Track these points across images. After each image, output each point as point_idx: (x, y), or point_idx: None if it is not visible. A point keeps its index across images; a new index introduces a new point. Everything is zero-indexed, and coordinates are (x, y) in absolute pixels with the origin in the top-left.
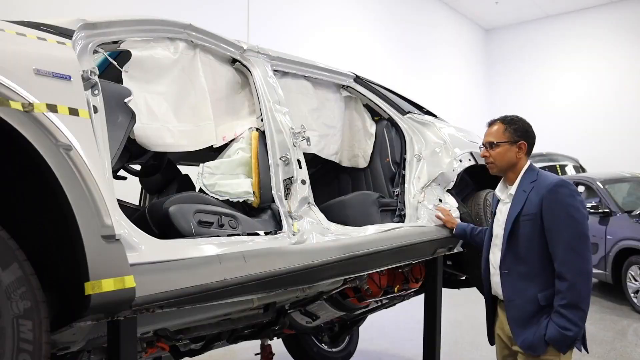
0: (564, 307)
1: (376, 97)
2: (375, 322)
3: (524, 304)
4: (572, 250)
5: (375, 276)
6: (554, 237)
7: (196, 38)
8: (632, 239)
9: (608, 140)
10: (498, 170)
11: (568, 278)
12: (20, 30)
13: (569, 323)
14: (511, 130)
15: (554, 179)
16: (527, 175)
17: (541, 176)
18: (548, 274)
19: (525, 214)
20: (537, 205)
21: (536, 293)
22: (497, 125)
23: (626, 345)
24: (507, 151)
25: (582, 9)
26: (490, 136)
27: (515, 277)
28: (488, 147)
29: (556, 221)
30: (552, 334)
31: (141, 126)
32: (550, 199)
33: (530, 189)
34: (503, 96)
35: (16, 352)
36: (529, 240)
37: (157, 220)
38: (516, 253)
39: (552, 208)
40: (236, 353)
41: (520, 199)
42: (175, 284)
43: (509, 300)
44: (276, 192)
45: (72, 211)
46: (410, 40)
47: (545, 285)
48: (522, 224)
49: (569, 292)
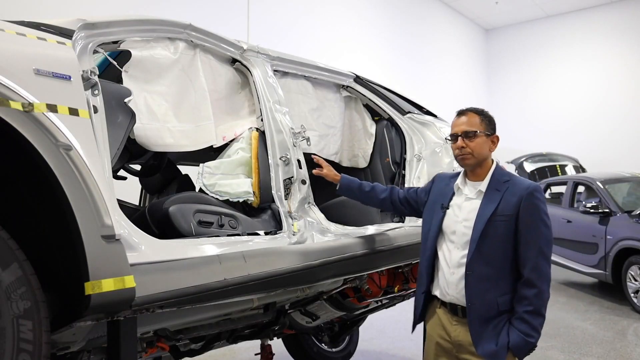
0: (529, 313)
1: (376, 97)
2: (375, 322)
3: (483, 308)
4: (543, 255)
5: (375, 276)
6: (528, 241)
7: (196, 38)
8: (632, 239)
9: (608, 140)
10: (475, 162)
11: (538, 285)
12: (20, 30)
13: (532, 330)
14: (487, 122)
15: (531, 182)
16: (497, 173)
17: (514, 177)
18: (510, 278)
19: (501, 214)
20: (514, 206)
21: (496, 297)
22: (471, 115)
23: (626, 345)
24: (484, 143)
25: (582, 9)
26: (467, 125)
27: (477, 278)
28: (464, 137)
29: (533, 225)
30: (516, 342)
31: (141, 126)
32: (530, 202)
33: (505, 189)
34: (503, 96)
35: (16, 352)
36: (499, 242)
37: (157, 220)
38: (485, 254)
39: (531, 212)
40: (236, 353)
41: (493, 198)
42: (175, 284)
43: (470, 303)
44: (276, 192)
45: (72, 211)
46: (410, 40)
47: (505, 289)
48: (496, 224)
49: (535, 299)
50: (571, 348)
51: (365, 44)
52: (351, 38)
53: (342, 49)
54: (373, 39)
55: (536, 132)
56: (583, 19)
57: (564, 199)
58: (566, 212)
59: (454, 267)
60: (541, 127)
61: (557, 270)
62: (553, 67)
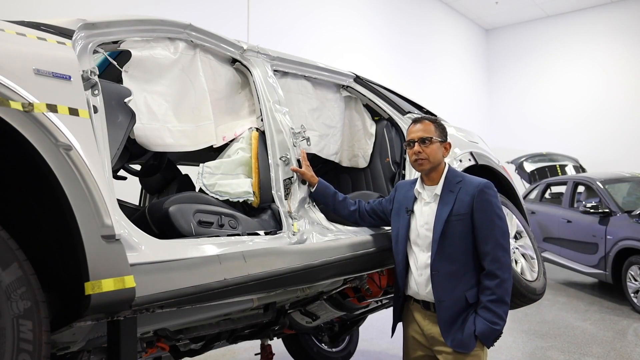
0: (493, 302)
1: (376, 97)
2: (375, 322)
3: (453, 304)
4: (501, 247)
5: (375, 276)
6: (485, 235)
7: (196, 38)
8: (632, 239)
9: (608, 140)
10: (430, 167)
11: (499, 275)
12: (20, 30)
13: (497, 317)
14: (440, 130)
15: (482, 180)
16: (450, 175)
17: (466, 177)
18: (474, 272)
19: (456, 213)
20: (468, 204)
21: (464, 292)
22: (425, 123)
23: (626, 345)
24: (438, 149)
25: (582, 9)
26: (423, 132)
27: (444, 276)
28: (421, 143)
29: (487, 220)
30: (482, 329)
31: (141, 126)
32: (482, 198)
33: (458, 190)
34: (503, 96)
35: (16, 352)
36: (459, 239)
37: (157, 220)
38: (447, 253)
39: (484, 207)
40: (236, 353)
41: (448, 199)
42: (175, 284)
43: (439, 301)
44: (276, 192)
45: (72, 211)
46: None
47: (471, 283)
48: (453, 223)
49: (498, 288)
50: (571, 348)
51: (365, 44)
52: (351, 38)
53: (342, 49)
54: (373, 39)
55: (536, 132)
56: (583, 19)
57: (564, 199)
58: (566, 212)
59: (421, 268)
60: (541, 127)
61: (557, 270)
62: (553, 67)
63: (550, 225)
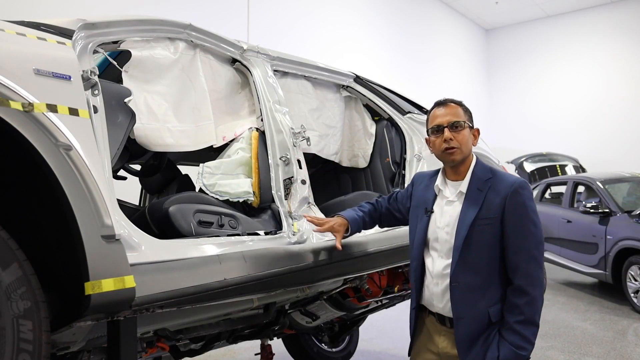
0: (520, 323)
1: (376, 97)
2: (375, 322)
3: (473, 321)
4: (534, 260)
5: (375, 276)
6: (517, 245)
7: (196, 38)
8: (632, 239)
9: (608, 140)
10: (462, 157)
11: (530, 292)
12: (20, 30)
13: (524, 341)
14: (468, 114)
15: (517, 178)
16: (479, 170)
17: (498, 173)
18: (499, 286)
19: (484, 217)
20: (499, 207)
21: (487, 308)
22: (452, 106)
23: (626, 345)
24: (469, 136)
25: (582, 9)
26: (452, 116)
27: (465, 290)
28: (451, 129)
29: (520, 227)
30: (506, 355)
31: (141, 126)
32: (515, 201)
33: (487, 188)
34: (503, 96)
35: (16, 352)
36: (486, 248)
37: (157, 220)
38: (468, 262)
39: (517, 212)
40: (236, 353)
41: (476, 200)
42: (175, 284)
43: (458, 318)
44: (276, 192)
45: (72, 211)
46: (410, 40)
47: (496, 299)
48: (480, 228)
49: (527, 307)
50: (571, 348)
51: (365, 44)
52: (351, 38)
53: (342, 49)
54: (373, 39)
55: (536, 132)
56: (583, 19)
57: (564, 199)
58: (566, 212)
59: (438, 277)
60: (541, 127)
61: (557, 270)
62: (553, 67)
63: (550, 225)
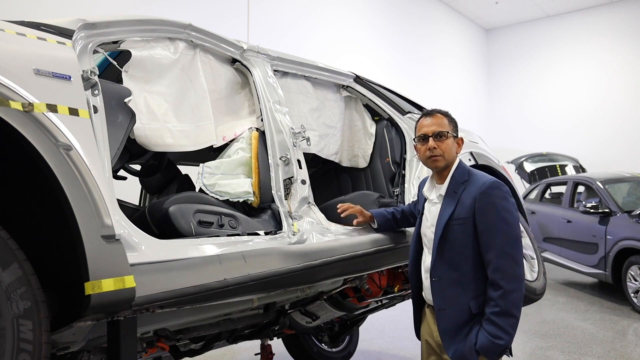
0: (496, 314)
1: (376, 97)
2: (375, 322)
3: (456, 313)
4: (505, 255)
5: (375, 276)
6: (487, 242)
7: (196, 38)
8: (632, 239)
9: (608, 140)
10: (445, 164)
11: (502, 285)
12: (20, 30)
13: (501, 331)
14: (453, 124)
15: (487, 179)
16: (457, 173)
17: (473, 176)
18: (480, 281)
19: (457, 217)
20: (470, 208)
21: (468, 301)
22: (438, 117)
23: (626, 345)
24: (452, 145)
25: (582, 9)
26: (437, 126)
27: (446, 284)
28: (436, 138)
29: (489, 225)
30: (483, 343)
31: (141, 126)
32: (484, 201)
33: (462, 190)
34: (503, 96)
35: (16, 352)
36: (461, 246)
37: (157, 220)
38: (447, 259)
39: (486, 211)
40: (236, 353)
41: (451, 201)
42: (175, 284)
43: (439, 309)
44: (276, 192)
45: (72, 211)
46: (410, 40)
47: (477, 292)
48: (454, 228)
49: (501, 300)
50: (571, 348)
51: (365, 44)
52: (351, 38)
53: (342, 49)
54: (373, 39)
55: (536, 132)
56: (583, 19)
57: (564, 199)
58: (566, 212)
59: (425, 272)
60: (541, 127)
61: (557, 270)
62: (553, 67)
63: (550, 225)
